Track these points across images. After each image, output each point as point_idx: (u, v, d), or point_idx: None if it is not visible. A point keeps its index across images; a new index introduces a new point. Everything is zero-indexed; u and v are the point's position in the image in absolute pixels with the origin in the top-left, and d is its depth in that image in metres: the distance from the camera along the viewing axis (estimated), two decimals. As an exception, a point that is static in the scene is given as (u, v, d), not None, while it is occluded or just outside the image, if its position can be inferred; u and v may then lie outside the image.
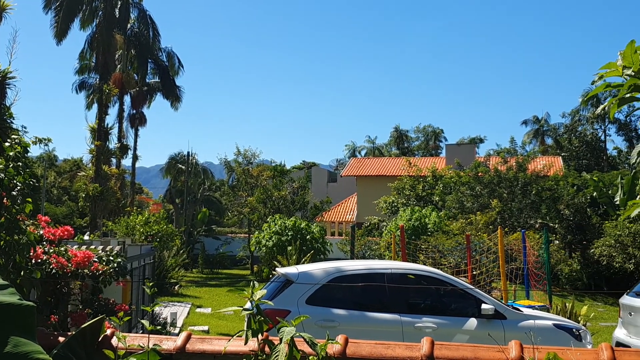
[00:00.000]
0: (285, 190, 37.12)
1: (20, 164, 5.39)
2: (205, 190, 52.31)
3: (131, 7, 37.14)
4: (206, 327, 16.45)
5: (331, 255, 27.61)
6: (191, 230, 43.06)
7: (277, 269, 9.58)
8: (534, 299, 16.22)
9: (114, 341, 3.65)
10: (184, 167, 48.99)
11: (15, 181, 5.23)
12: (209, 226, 46.23)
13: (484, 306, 8.40)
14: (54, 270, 7.36)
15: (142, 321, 3.77)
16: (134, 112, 42.79)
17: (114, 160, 35.16)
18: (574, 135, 54.34)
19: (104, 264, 8.14)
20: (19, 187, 5.23)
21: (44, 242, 7.45)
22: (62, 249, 7.71)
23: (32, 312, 2.85)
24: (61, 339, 3.63)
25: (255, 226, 36.44)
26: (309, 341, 3.30)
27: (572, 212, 29.13)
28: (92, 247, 9.38)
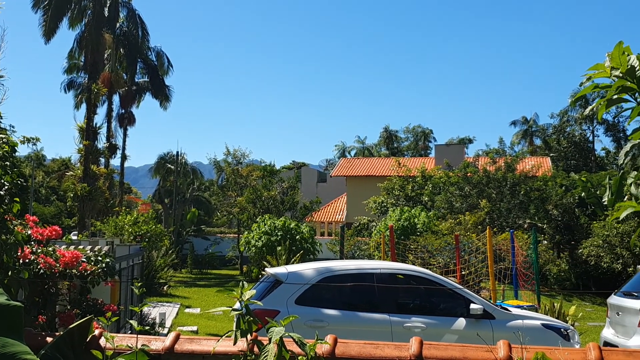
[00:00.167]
0: (274, 190, 37.12)
1: (7, 163, 5.35)
2: (194, 190, 52.14)
3: (120, 6, 37.05)
4: (195, 328, 16.42)
5: (321, 255, 27.64)
6: (180, 230, 42.93)
7: (266, 269, 9.58)
8: (523, 298, 16.26)
9: (102, 341, 3.63)
10: (173, 167, 48.84)
11: (2, 181, 5.19)
12: (198, 226, 46.11)
13: (472, 306, 8.42)
14: (41, 270, 7.31)
15: (131, 321, 3.76)
16: (123, 111, 42.66)
17: (102, 160, 35.06)
18: (562, 135, 54.58)
19: (92, 264, 8.10)
20: (6, 187, 5.20)
21: (31, 242, 7.41)
22: (50, 249, 7.67)
23: (20, 312, 2.83)
24: (49, 339, 3.61)
25: (244, 226, 36.40)
26: (298, 341, 3.30)
27: (561, 212, 29.27)
28: (80, 247, 9.34)
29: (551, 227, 29.24)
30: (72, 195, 28.59)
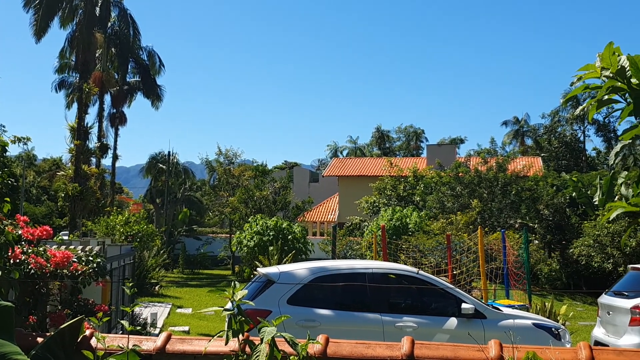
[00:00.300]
0: (266, 190, 37.09)
1: (-2, 163, 5.33)
2: (186, 190, 52.02)
3: (112, 5, 36.93)
4: (187, 328, 16.38)
5: (313, 255, 27.65)
6: (172, 230, 42.83)
7: (258, 269, 9.58)
8: (514, 298, 16.31)
9: (93, 342, 3.62)
10: (164, 167, 48.70)
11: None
12: (189, 226, 46.01)
13: (464, 306, 8.44)
14: (32, 270, 7.28)
15: (122, 322, 3.75)
16: (114, 111, 42.54)
17: (93, 159, 34.96)
18: (553, 136, 54.78)
19: (84, 264, 8.07)
20: (-3, 187, 5.17)
21: (22, 242, 7.37)
22: (40, 249, 7.63)
23: (11, 312, 2.82)
24: (40, 339, 3.60)
25: (236, 226, 36.35)
26: (290, 341, 3.30)
27: (552, 212, 29.38)
28: (71, 247, 9.30)
29: (542, 226, 29.33)
30: (63, 195, 28.46)
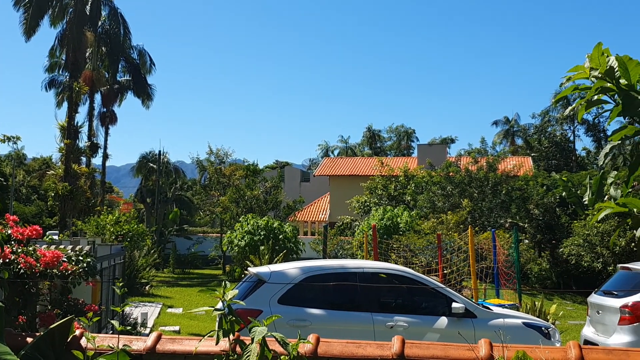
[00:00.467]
0: (257, 189, 37.04)
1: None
2: (176, 189, 51.92)
3: (102, 4, 36.77)
4: (177, 328, 16.34)
5: (304, 254, 27.62)
6: (162, 229, 42.69)
7: (249, 268, 9.56)
8: (504, 297, 16.36)
9: (83, 342, 3.61)
10: (155, 166, 48.57)
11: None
12: (180, 226, 45.88)
13: (454, 305, 8.46)
14: (22, 270, 7.25)
15: (112, 321, 3.74)
16: (105, 110, 42.44)
17: (83, 159, 34.85)
18: (543, 135, 54.98)
19: (73, 263, 8.05)
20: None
21: (12, 242, 7.34)
22: (30, 248, 7.60)
23: (0, 312, 2.81)
24: (29, 339, 3.58)
25: (227, 226, 36.28)
26: (281, 341, 3.30)
27: (542, 211, 29.47)
28: (61, 246, 9.26)
29: (532, 226, 29.42)
30: (53, 194, 28.35)
